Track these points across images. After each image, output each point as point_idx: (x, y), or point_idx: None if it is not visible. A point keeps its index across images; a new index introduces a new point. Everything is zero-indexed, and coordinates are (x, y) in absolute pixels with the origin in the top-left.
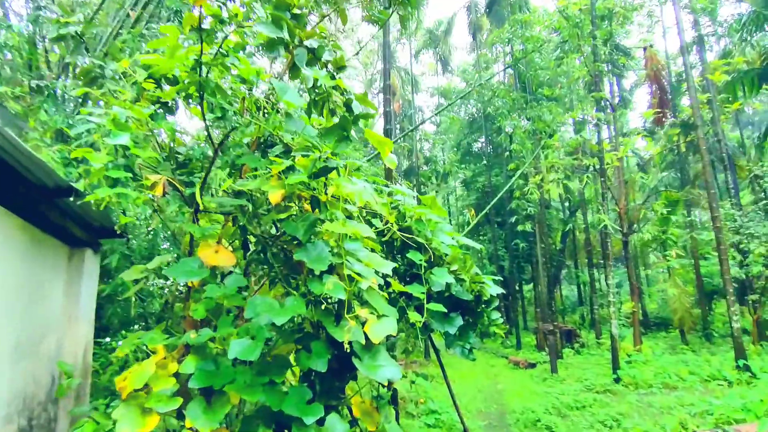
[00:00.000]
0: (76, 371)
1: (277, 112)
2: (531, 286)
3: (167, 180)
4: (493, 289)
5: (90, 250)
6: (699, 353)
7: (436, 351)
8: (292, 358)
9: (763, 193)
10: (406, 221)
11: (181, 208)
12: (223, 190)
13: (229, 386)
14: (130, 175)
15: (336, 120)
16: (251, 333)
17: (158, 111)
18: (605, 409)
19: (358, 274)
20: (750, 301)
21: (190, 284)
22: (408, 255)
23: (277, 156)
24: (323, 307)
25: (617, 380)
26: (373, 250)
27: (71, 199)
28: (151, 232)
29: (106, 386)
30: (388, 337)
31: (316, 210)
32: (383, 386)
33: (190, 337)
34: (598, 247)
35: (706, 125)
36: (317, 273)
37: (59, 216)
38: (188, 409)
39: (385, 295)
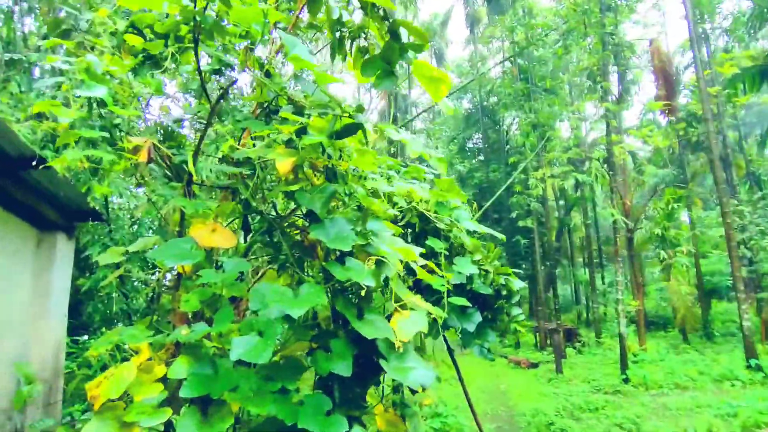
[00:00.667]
0: (45, 374)
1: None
2: (525, 283)
3: (153, 145)
4: (516, 282)
5: (63, 234)
6: (703, 353)
7: (450, 350)
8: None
9: None
10: (424, 205)
11: (170, 182)
12: (221, 158)
13: (230, 395)
14: (107, 135)
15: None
16: (257, 328)
17: (143, 64)
18: (619, 411)
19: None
20: (756, 300)
21: (180, 270)
22: (427, 242)
23: (283, 120)
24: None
25: (626, 380)
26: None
27: (38, 171)
28: (137, 222)
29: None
30: None
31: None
32: (410, 392)
33: (181, 334)
34: (595, 245)
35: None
36: (334, 257)
37: (25, 192)
38: (179, 424)
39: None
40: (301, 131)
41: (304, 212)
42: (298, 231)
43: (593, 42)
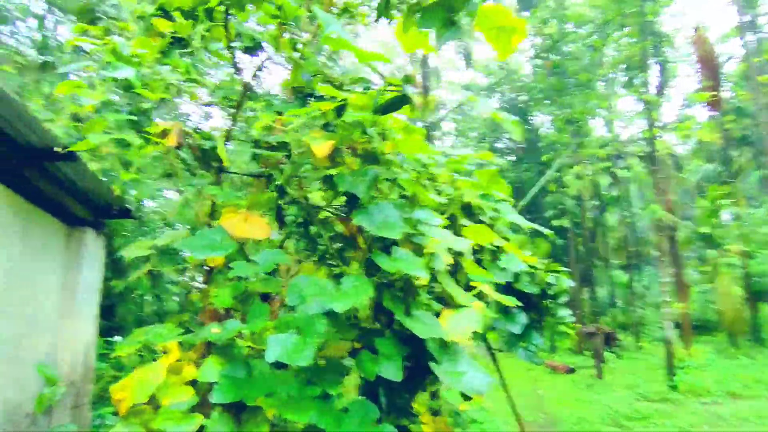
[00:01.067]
0: (74, 375)
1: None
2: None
3: (182, 129)
4: (566, 281)
5: (92, 230)
6: (754, 358)
7: (491, 353)
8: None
9: None
10: (471, 195)
11: (197, 170)
12: (254, 141)
13: (265, 400)
14: (134, 118)
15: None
16: (294, 326)
17: (171, 46)
18: (670, 420)
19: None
20: None
21: (210, 263)
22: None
23: (320, 99)
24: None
25: (673, 388)
26: None
27: (67, 164)
28: (169, 223)
29: None
30: None
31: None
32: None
33: (212, 333)
34: (633, 245)
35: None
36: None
37: (52, 186)
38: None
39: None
40: (341, 110)
41: (345, 199)
42: (337, 220)
43: (631, 32)
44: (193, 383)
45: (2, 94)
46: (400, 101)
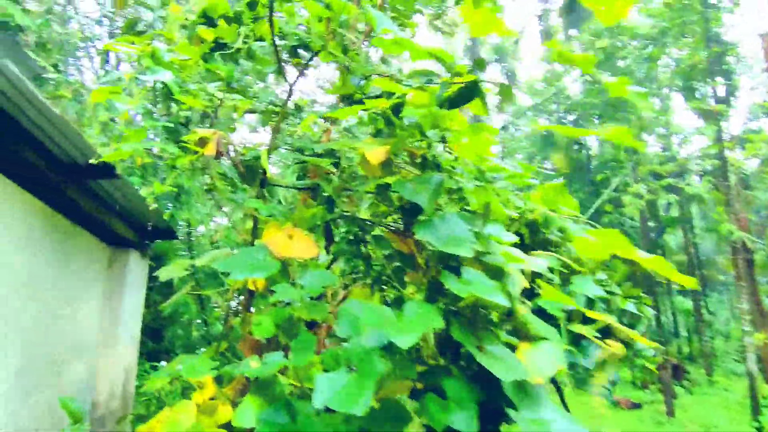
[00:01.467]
0: (113, 403)
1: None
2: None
3: (222, 138)
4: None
5: (136, 252)
6: None
7: (559, 390)
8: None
9: None
10: (541, 210)
11: (238, 184)
12: (296, 149)
13: None
14: (170, 125)
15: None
16: (346, 361)
17: (213, 51)
18: None
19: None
20: None
21: (251, 287)
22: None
23: (374, 96)
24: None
25: (759, 430)
26: None
27: (111, 182)
28: (216, 245)
29: None
30: None
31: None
32: None
33: (250, 367)
34: (697, 268)
35: None
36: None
37: (95, 205)
38: None
39: None
40: (398, 108)
41: (402, 212)
42: (393, 235)
43: (694, 41)
44: (229, 426)
45: (43, 107)
46: (469, 92)
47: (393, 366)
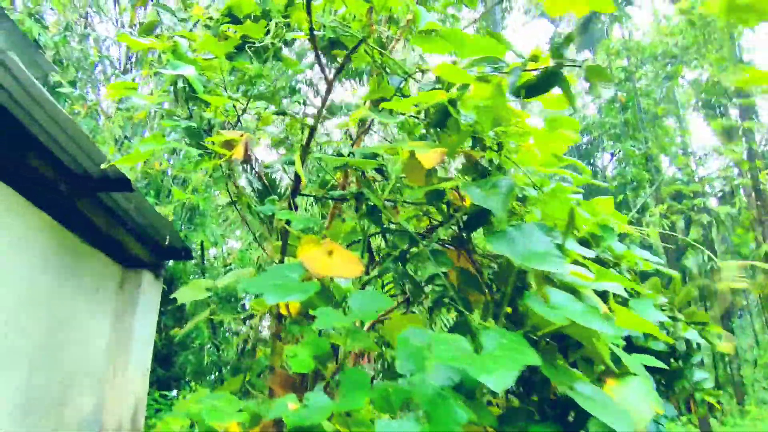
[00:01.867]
0: None
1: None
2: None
3: (251, 139)
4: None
5: (149, 272)
6: None
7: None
8: None
9: None
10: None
11: (265, 194)
12: (337, 155)
13: None
14: (192, 125)
15: None
16: (401, 402)
17: (240, 49)
18: None
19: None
20: None
21: (283, 311)
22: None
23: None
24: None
25: None
26: None
27: (124, 196)
28: (231, 267)
29: None
30: None
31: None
32: None
33: (287, 409)
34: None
35: None
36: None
37: (107, 220)
38: None
39: None
40: (455, 102)
41: (463, 221)
42: (452, 249)
43: (717, 57)
44: None
45: (54, 111)
46: (550, 78)
47: (471, 409)
